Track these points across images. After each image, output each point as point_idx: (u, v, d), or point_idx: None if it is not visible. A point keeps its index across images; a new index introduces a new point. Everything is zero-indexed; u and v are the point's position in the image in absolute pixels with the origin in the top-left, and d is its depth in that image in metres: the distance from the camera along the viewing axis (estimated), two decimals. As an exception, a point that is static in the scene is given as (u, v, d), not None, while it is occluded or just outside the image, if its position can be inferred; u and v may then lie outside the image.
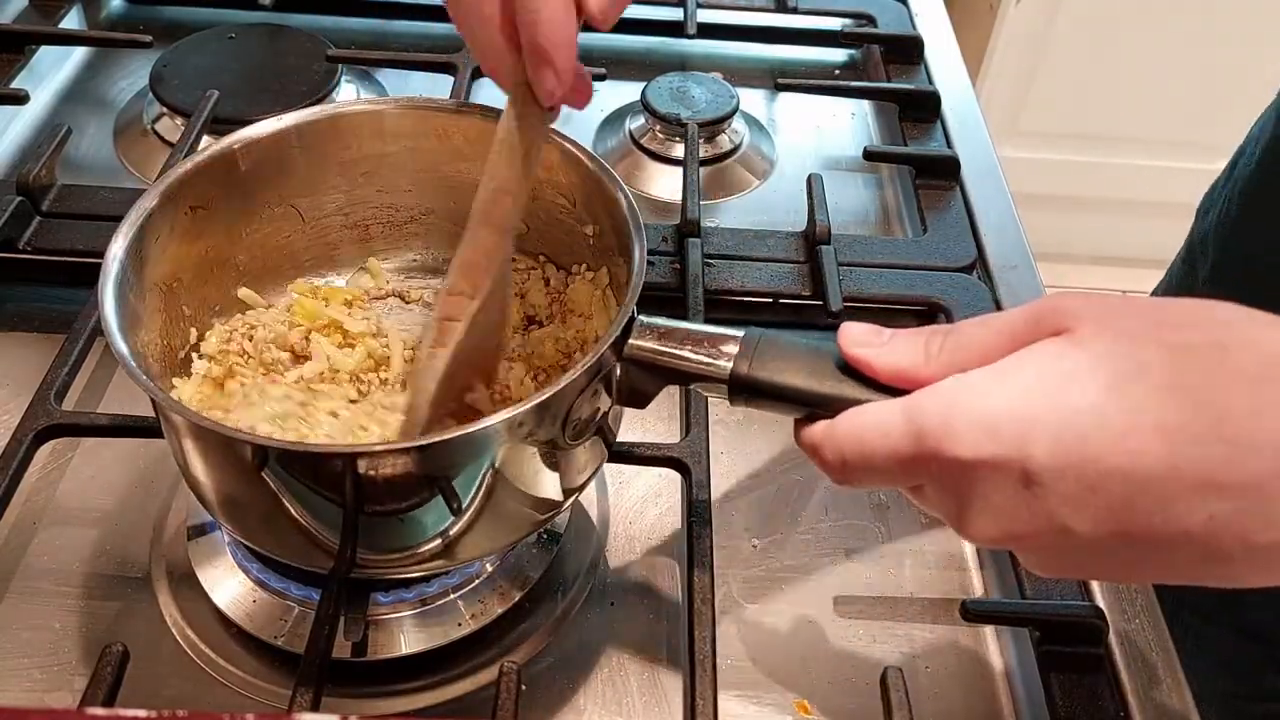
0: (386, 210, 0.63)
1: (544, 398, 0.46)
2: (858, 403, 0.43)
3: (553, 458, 0.50)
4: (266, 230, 0.60)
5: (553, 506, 0.53)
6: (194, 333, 0.57)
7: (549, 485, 0.51)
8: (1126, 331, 0.37)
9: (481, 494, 0.48)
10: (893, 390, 0.43)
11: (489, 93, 0.93)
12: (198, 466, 0.49)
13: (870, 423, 0.42)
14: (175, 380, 0.55)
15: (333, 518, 0.47)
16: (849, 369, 0.44)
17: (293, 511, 0.47)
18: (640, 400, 0.51)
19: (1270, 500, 0.35)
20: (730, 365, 0.47)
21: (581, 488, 0.54)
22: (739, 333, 0.47)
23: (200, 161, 0.55)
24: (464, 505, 0.48)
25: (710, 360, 0.47)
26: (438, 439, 0.45)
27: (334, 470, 0.45)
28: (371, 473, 0.45)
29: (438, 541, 0.49)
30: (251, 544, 0.55)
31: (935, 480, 0.40)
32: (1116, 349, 0.37)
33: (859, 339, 0.44)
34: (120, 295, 0.49)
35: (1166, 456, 0.35)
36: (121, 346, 0.47)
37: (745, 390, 0.47)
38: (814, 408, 0.45)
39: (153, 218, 0.52)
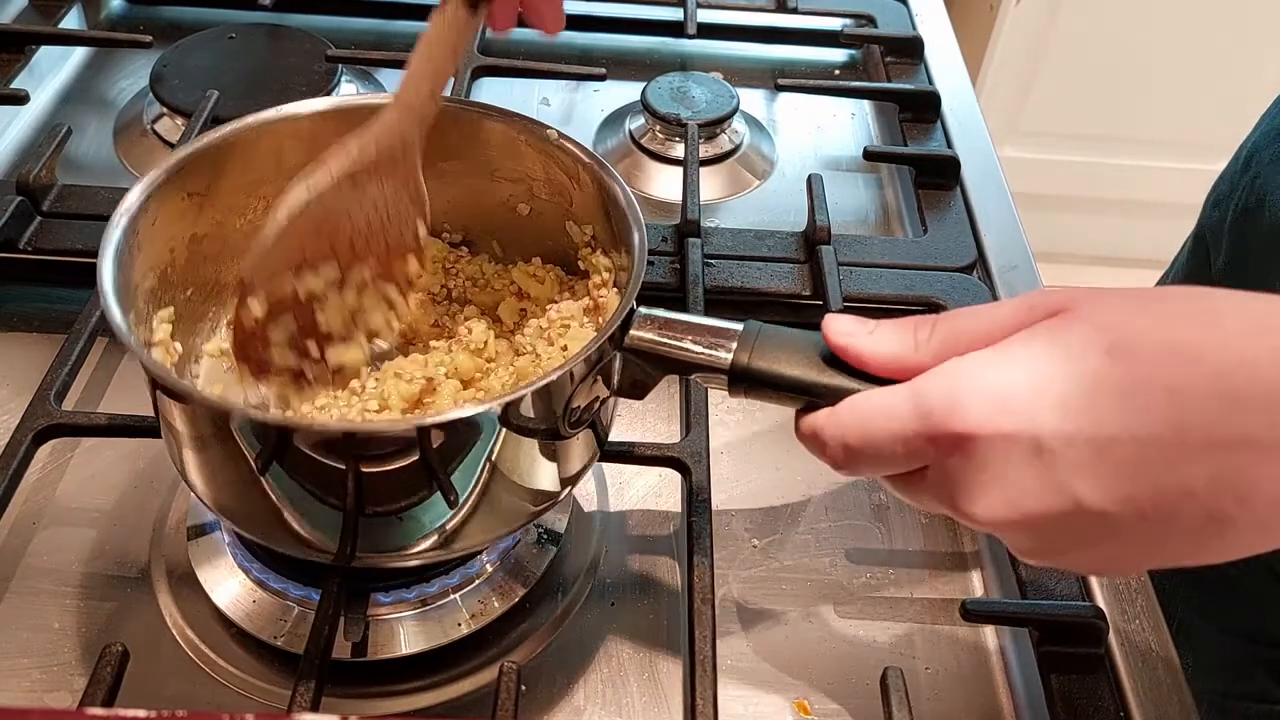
0: None
1: (545, 383, 0.46)
2: (857, 393, 0.43)
3: (551, 446, 0.50)
4: (262, 220, 0.59)
5: (550, 497, 0.53)
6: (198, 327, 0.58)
7: (546, 474, 0.51)
8: (1121, 306, 0.38)
9: (481, 478, 0.48)
10: (889, 381, 0.43)
11: (489, 92, 0.93)
12: (190, 456, 0.49)
13: (874, 405, 0.42)
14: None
15: (331, 502, 0.47)
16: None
17: (289, 496, 0.47)
18: (639, 390, 0.52)
19: (1268, 454, 0.35)
20: (730, 356, 0.47)
21: (578, 477, 0.54)
22: (739, 325, 0.48)
23: (198, 149, 0.55)
24: (463, 488, 0.48)
25: (710, 351, 0.48)
26: (437, 420, 0.45)
27: (331, 450, 0.45)
28: (369, 453, 0.45)
29: (437, 526, 0.49)
30: (249, 534, 0.54)
31: (941, 459, 0.40)
32: (1114, 319, 0.38)
33: (843, 329, 0.44)
34: (119, 272, 0.49)
35: (1174, 415, 0.36)
36: (119, 319, 0.47)
37: (745, 380, 0.47)
38: (814, 397, 0.45)
39: (148, 205, 0.52)
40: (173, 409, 0.48)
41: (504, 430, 0.47)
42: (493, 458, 0.48)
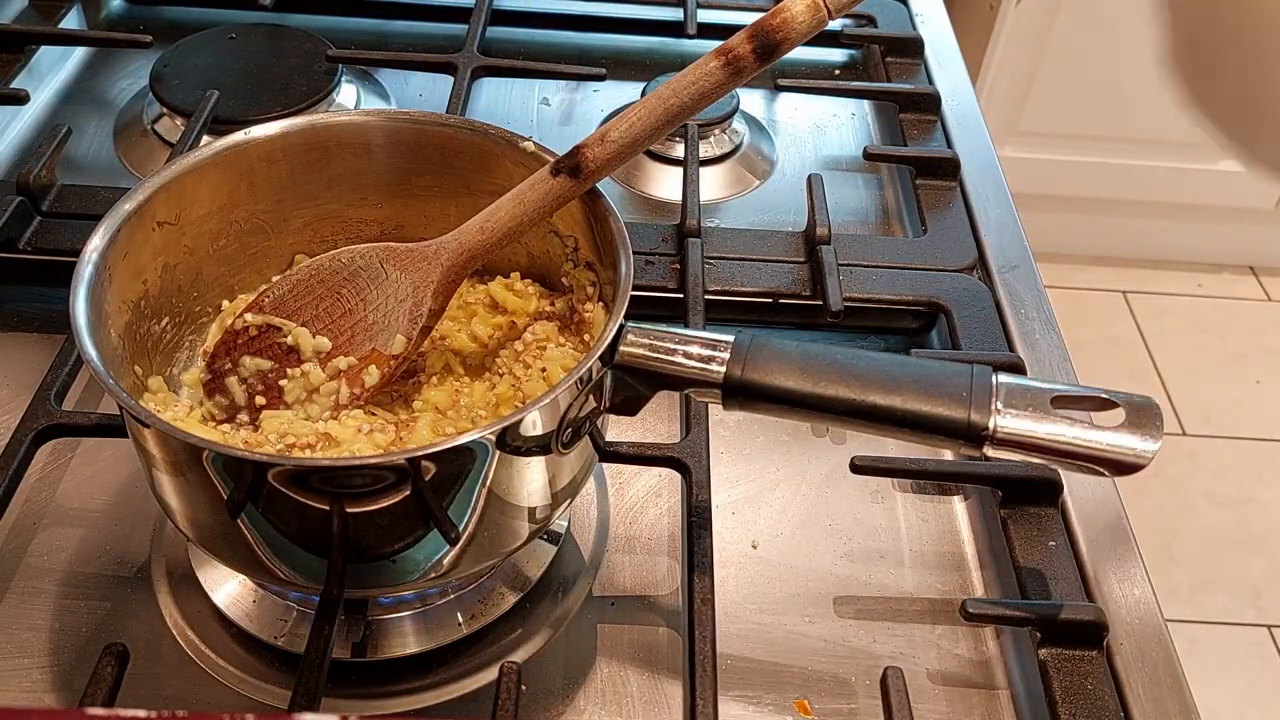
0: (355, 225, 0.62)
1: (537, 407, 0.46)
2: (853, 402, 0.43)
3: (545, 465, 0.50)
4: (234, 246, 0.59)
5: (547, 514, 0.53)
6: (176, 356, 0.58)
7: (545, 493, 0.51)
8: None
9: (476, 505, 0.48)
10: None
11: (488, 92, 0.93)
12: (165, 483, 0.49)
13: None
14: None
15: (320, 535, 0.47)
16: (846, 369, 0.44)
17: (280, 530, 0.47)
18: (632, 406, 0.51)
19: None
20: (723, 370, 0.47)
21: (574, 493, 0.54)
22: (729, 337, 0.47)
23: (166, 178, 0.54)
24: (457, 519, 0.48)
25: (702, 365, 0.47)
26: (429, 450, 0.44)
27: (320, 483, 0.44)
28: (359, 486, 0.44)
29: (431, 559, 0.49)
30: (240, 570, 0.54)
31: None
32: None
33: None
34: (91, 307, 0.49)
35: None
36: (94, 358, 0.46)
37: (740, 393, 0.47)
38: (809, 409, 0.44)
39: (118, 236, 0.52)
40: (150, 445, 0.47)
41: (498, 456, 0.46)
42: (486, 483, 0.47)
